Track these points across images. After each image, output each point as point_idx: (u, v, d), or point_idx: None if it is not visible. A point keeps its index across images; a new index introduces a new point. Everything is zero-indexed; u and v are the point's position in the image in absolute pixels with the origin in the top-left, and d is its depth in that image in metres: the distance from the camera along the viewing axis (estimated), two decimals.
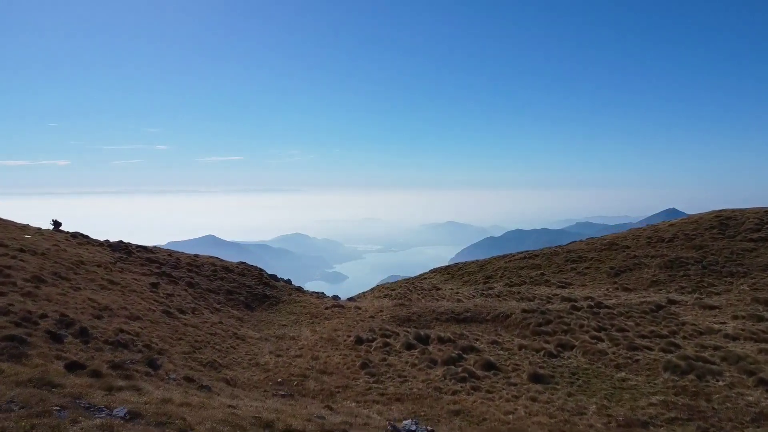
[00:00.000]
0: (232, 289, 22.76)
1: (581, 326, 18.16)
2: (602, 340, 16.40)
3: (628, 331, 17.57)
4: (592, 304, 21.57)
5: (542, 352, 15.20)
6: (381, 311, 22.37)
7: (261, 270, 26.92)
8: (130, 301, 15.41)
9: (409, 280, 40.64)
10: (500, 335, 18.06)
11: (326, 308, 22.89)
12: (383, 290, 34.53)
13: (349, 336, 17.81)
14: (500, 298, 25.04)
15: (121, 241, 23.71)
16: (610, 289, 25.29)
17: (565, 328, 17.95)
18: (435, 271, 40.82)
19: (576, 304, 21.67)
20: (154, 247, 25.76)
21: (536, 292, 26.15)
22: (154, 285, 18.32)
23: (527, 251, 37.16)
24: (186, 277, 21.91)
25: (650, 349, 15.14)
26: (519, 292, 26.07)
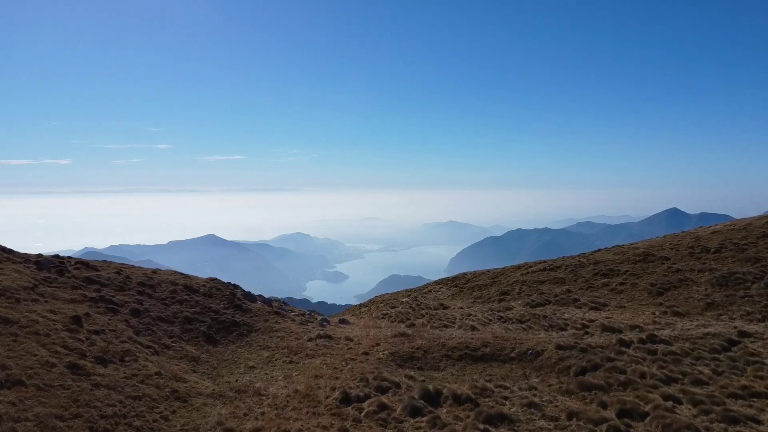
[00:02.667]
0: (192, 315, 18.27)
1: (642, 375, 13.67)
2: (680, 402, 11.91)
3: (707, 383, 13.08)
4: (644, 337, 17.06)
5: (604, 427, 10.66)
6: (378, 344, 17.87)
7: (234, 288, 22.42)
8: (19, 351, 10.93)
9: (411, 293, 36.17)
10: (535, 389, 13.54)
11: (310, 340, 18.40)
12: (382, 306, 30.02)
13: (334, 389, 13.32)
14: (523, 325, 20.53)
15: (56, 256, 19.23)
16: (657, 314, 20.78)
17: (622, 378, 13.44)
18: (440, 282, 36.31)
19: (623, 337, 17.15)
20: (104, 262, 21.29)
21: (566, 315, 21.65)
22: (77, 320, 13.82)
23: (546, 261, 32.62)
24: (132, 302, 17.41)
25: (757, 421, 10.66)
26: (545, 316, 21.57)
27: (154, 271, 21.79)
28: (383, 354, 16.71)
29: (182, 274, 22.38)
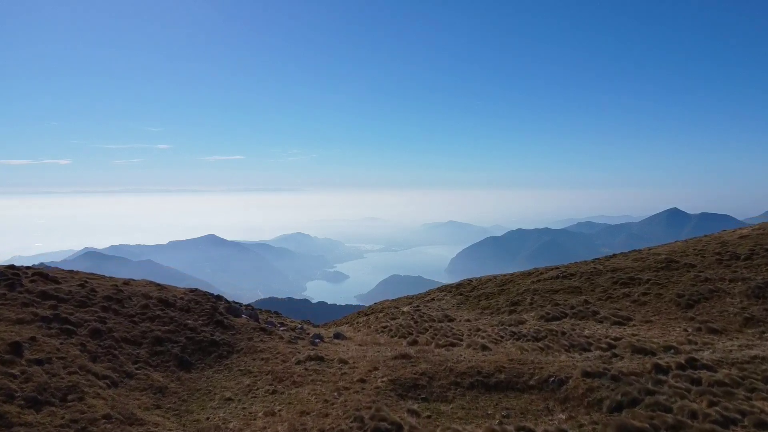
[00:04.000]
0: (164, 335, 15.98)
1: (692, 415, 11.38)
2: None
3: None
4: (682, 361, 14.76)
5: None
6: (376, 368, 15.59)
7: (217, 301, 20.12)
8: None
9: (413, 300, 33.91)
10: (563, 430, 11.26)
11: (298, 363, 16.11)
12: (381, 317, 27.73)
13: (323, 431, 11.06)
14: (540, 343, 18.22)
15: (10, 267, 16.93)
16: (690, 331, 18.47)
17: (669, 420, 11.12)
18: (444, 289, 34.01)
19: (659, 361, 14.86)
20: (70, 272, 19.01)
21: (586, 332, 19.34)
22: (15, 347, 11.54)
23: (559, 267, 30.31)
24: (94, 320, 15.14)
25: None
26: (563, 332, 19.27)
27: (126, 282, 19.52)
28: (382, 382, 14.43)
29: (158, 285, 20.10)
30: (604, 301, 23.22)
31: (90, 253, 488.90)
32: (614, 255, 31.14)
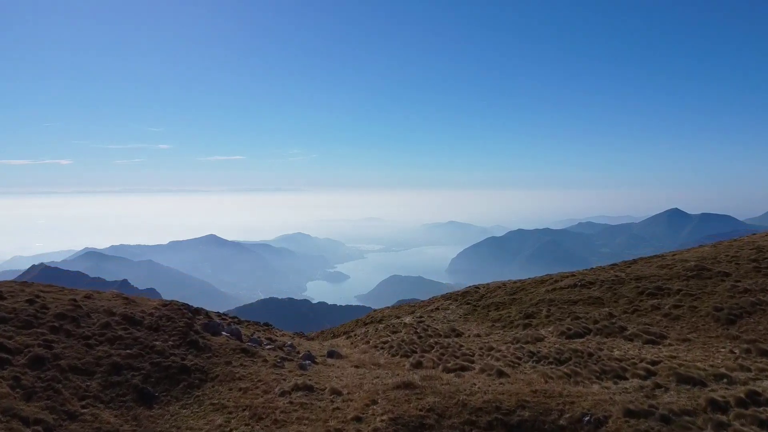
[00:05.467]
0: (124, 360, 13.50)
1: None
2: None
3: None
4: (742, 396, 12.28)
5: None
6: (374, 401, 13.10)
7: (193, 316, 17.62)
8: None
9: (415, 309, 31.45)
10: None
11: (283, 393, 13.63)
12: (382, 329, 25.22)
13: None
14: (564, 367, 15.72)
15: None
16: (738, 352, 15.97)
17: None
18: (449, 297, 31.51)
19: (713, 395, 12.36)
20: (22, 284, 16.54)
21: (616, 353, 16.82)
22: None
23: (575, 274, 27.79)
24: (38, 345, 12.67)
25: None
26: (590, 353, 16.77)
27: (89, 296, 17.04)
28: (381, 421, 11.94)
29: (126, 298, 17.60)
30: (630, 315, 20.71)
31: (90, 253, 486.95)
32: (635, 261, 28.63)
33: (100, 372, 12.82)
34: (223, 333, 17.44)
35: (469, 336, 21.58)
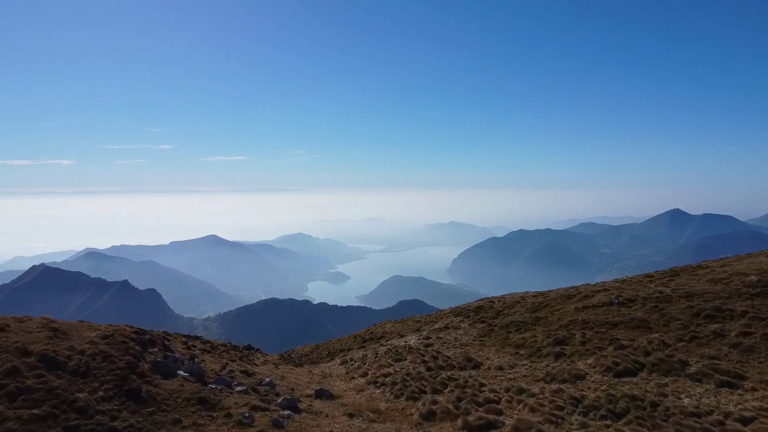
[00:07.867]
0: (22, 428, 9.67)
1: None
2: None
3: None
4: None
5: None
6: None
7: (142, 351, 13.79)
8: None
9: (421, 326, 27.63)
10: None
11: None
12: (382, 356, 21.35)
13: None
14: (622, 424, 11.88)
15: None
16: None
17: None
18: (459, 313, 27.72)
19: None
20: None
21: (687, 401, 12.99)
22: None
23: (607, 288, 23.89)
24: None
25: None
26: (652, 402, 12.92)
27: (5, 327, 13.16)
28: None
29: (54, 329, 13.76)
30: (688, 344, 16.80)
31: (91, 254, 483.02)
32: (675, 271, 24.69)
33: None
34: (180, 373, 13.63)
35: (489, 368, 17.76)
